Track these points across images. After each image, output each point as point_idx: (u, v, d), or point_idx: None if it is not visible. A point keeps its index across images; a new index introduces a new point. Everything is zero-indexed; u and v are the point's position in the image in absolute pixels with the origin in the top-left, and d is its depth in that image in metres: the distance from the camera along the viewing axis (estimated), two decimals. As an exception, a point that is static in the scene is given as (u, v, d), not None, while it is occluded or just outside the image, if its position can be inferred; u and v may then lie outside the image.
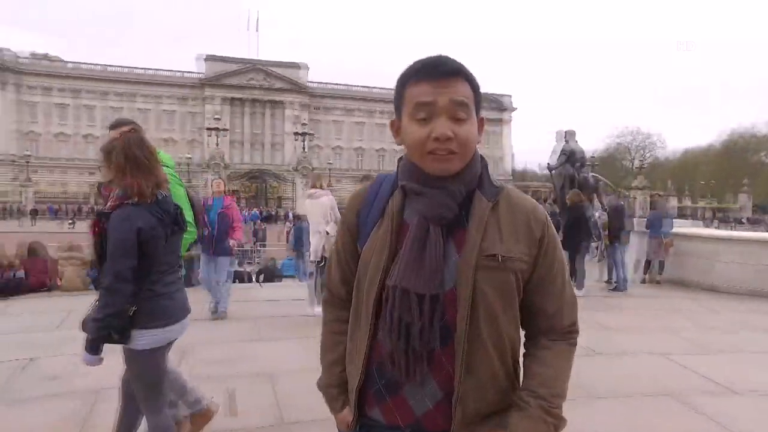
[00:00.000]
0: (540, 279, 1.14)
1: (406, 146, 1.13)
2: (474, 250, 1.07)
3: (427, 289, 1.06)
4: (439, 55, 1.11)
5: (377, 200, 1.20)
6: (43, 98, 59.00)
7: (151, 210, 2.09)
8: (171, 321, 2.18)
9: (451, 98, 1.07)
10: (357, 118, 68.65)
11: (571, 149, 11.53)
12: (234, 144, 63.38)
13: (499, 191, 1.14)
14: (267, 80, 63.73)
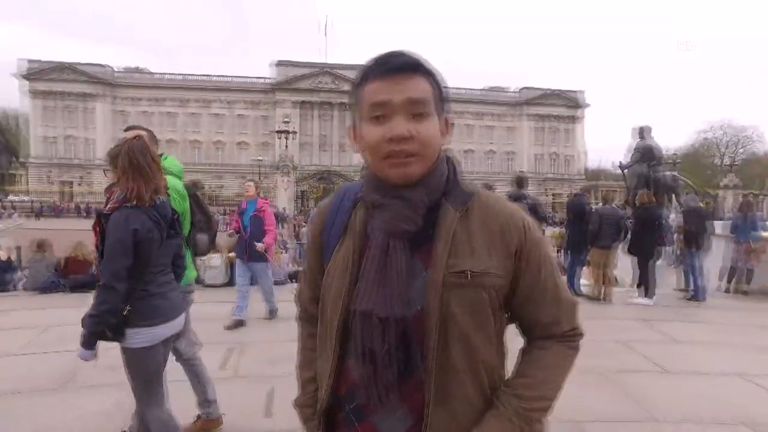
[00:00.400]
0: (527, 291, 1.04)
1: (365, 152, 1.03)
2: (440, 267, 0.97)
3: (391, 311, 0.96)
4: (396, 50, 1.01)
5: (339, 215, 1.11)
6: (133, 107, 63.67)
7: (148, 213, 2.19)
8: (164, 320, 2.25)
9: (408, 96, 0.97)
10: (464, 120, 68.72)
11: (646, 146, 10.77)
12: (304, 146, 65.23)
13: (470, 197, 1.03)
14: (335, 83, 65.00)
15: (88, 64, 62.00)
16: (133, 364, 2.25)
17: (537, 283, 1.04)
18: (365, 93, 1.00)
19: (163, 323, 2.25)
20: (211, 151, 65.06)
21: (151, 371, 2.30)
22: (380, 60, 1.00)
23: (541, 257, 1.05)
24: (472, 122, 69.06)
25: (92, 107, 61.85)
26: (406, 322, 0.97)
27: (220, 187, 61.50)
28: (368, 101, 0.99)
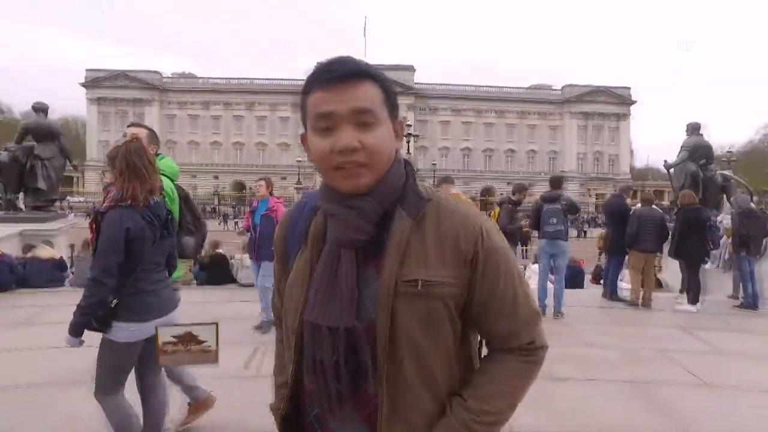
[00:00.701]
0: (483, 302, 1.00)
1: (314, 163, 0.99)
2: (391, 276, 0.94)
3: (340, 321, 0.95)
4: (339, 56, 0.97)
5: (300, 223, 1.09)
6: (181, 111, 66.06)
7: (142, 213, 2.28)
8: (152, 316, 2.31)
9: (353, 106, 0.93)
10: (465, 118, 67.70)
11: (696, 143, 10.17)
12: (348, 146, 65.91)
13: (425, 204, 1.00)
14: (375, 84, 65.41)
15: (140, 71, 64.78)
16: (109, 354, 2.34)
17: (494, 294, 1.00)
18: (310, 103, 0.97)
19: (152, 319, 2.31)
20: (253, 153, 66.60)
21: (122, 365, 2.38)
22: (323, 68, 0.96)
23: (499, 266, 1.00)
24: (514, 121, 67.75)
25: (144, 111, 64.54)
26: (357, 333, 0.95)
27: (263, 188, 63.03)
28: (313, 112, 0.96)
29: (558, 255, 6.35)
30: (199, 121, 66.10)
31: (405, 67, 66.12)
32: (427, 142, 66.52)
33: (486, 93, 68.19)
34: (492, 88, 69.05)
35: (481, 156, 67.81)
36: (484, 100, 67.46)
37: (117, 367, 2.38)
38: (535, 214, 6.46)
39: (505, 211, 6.75)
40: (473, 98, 67.56)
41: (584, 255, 12.64)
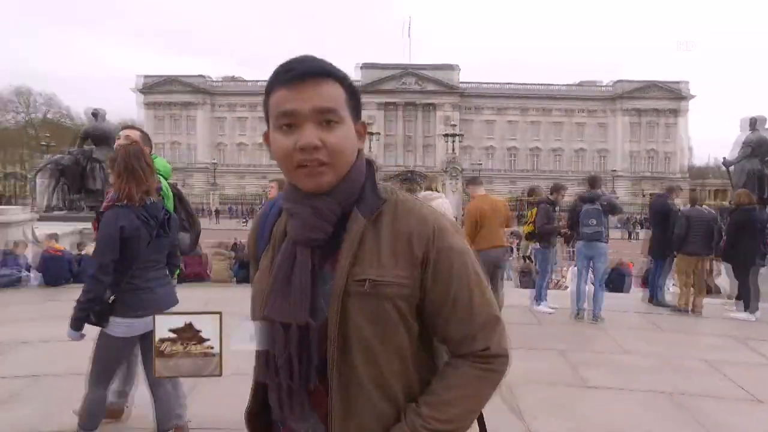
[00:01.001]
0: (436, 304, 0.98)
1: (276, 161, 0.99)
2: (343, 275, 0.95)
3: (294, 318, 0.96)
4: (302, 55, 0.98)
5: (267, 222, 1.12)
6: (229, 113, 68.11)
7: (137, 213, 2.38)
8: (147, 312, 2.32)
9: (315, 105, 0.93)
10: (510, 117, 66.42)
11: (759, 139, 9.46)
12: (388, 147, 66.00)
13: (382, 203, 0.99)
14: (419, 83, 65.10)
15: (190, 76, 67.24)
16: (105, 348, 2.45)
17: (446, 296, 0.97)
18: (273, 101, 0.97)
19: (144, 316, 2.36)
20: (299, 154, 67.81)
21: (116, 360, 2.51)
22: (285, 67, 0.96)
23: (452, 266, 0.97)
24: (560, 119, 65.81)
25: (194, 115, 66.96)
26: (310, 331, 0.95)
27: (308, 188, 64.07)
28: (275, 110, 0.96)
29: (596, 257, 6.09)
30: (247, 123, 67.91)
31: (449, 66, 65.61)
32: (472, 142, 65.66)
33: (531, 91, 66.60)
34: (537, 86, 67.40)
35: (527, 155, 66.33)
36: (529, 98, 65.91)
37: (111, 360, 2.49)
38: (572, 214, 6.22)
39: (542, 211, 6.53)
40: (518, 96, 66.12)
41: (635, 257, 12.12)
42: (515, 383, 3.91)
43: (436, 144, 61.61)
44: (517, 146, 66.34)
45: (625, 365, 4.50)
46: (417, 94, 65.05)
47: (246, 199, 56.57)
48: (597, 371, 4.24)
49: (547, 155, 65.89)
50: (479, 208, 5.53)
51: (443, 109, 64.39)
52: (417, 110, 65.84)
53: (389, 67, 65.81)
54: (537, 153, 66.25)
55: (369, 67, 66.26)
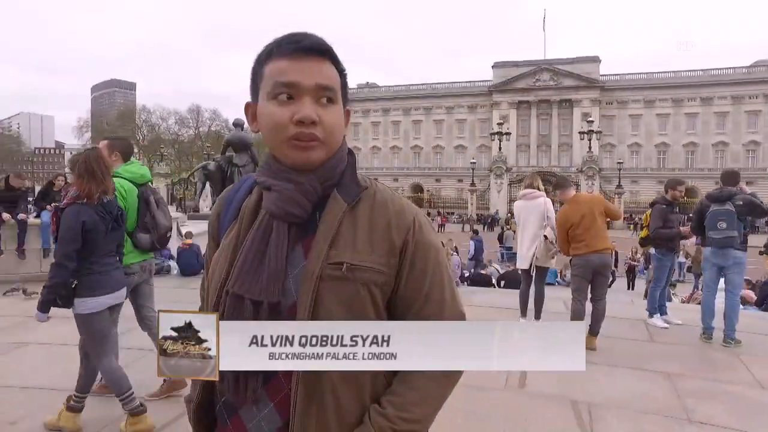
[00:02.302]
0: (408, 297, 0.98)
1: (264, 131, 0.98)
2: (319, 258, 0.93)
3: (265, 296, 0.93)
4: (302, 31, 0.97)
5: (235, 200, 1.09)
6: (363, 118, 71.04)
7: (95, 209, 2.77)
8: (105, 291, 2.83)
9: (317, 82, 0.94)
10: (659, 110, 59.60)
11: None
12: (521, 147, 63.58)
13: (362, 190, 0.99)
14: (554, 79, 61.59)
15: (330, 85, 71.62)
16: (83, 326, 2.84)
17: (420, 291, 0.98)
18: (270, 70, 0.95)
19: (106, 294, 2.83)
20: (430, 156, 68.35)
21: (98, 331, 2.85)
22: (291, 38, 0.95)
23: (428, 262, 0.99)
24: (726, 109, 57.25)
25: (332, 122, 71.22)
26: (280, 309, 0.94)
27: (439, 190, 64.25)
28: (274, 79, 0.94)
29: (729, 267, 5.10)
30: (380, 127, 70.32)
31: (588, 58, 61.11)
32: (614, 139, 60.35)
33: (687, 79, 58.90)
34: (695, 72, 59.48)
35: (681, 152, 58.93)
36: (684, 88, 58.31)
37: (97, 333, 2.85)
38: (697, 216, 5.31)
39: (656, 212, 5.68)
40: (671, 86, 58.91)
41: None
42: (598, 404, 3.49)
43: (573, 143, 57.69)
44: (668, 142, 59.32)
45: (757, 403, 3.69)
46: (552, 91, 61.62)
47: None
48: (710, 405, 3.56)
49: (706, 151, 57.86)
50: (565, 216, 5.00)
51: (581, 105, 60.07)
52: (552, 107, 62.37)
53: (522, 65, 63.34)
54: (693, 149, 58.50)
55: (501, 66, 64.50)
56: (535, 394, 3.68)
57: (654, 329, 5.57)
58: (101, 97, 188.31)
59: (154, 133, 70.32)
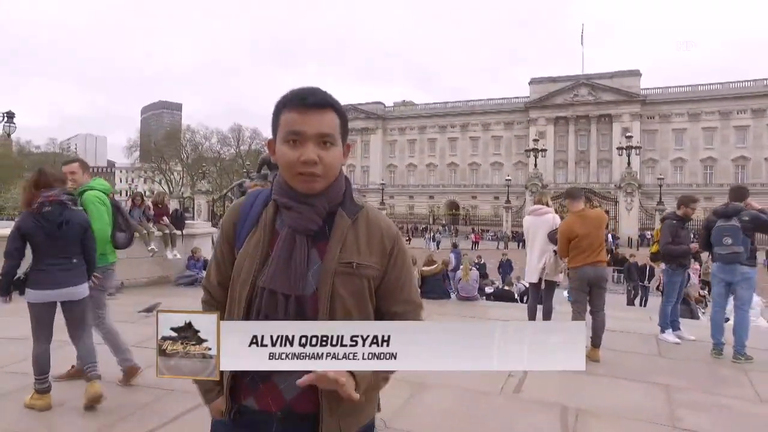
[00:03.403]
0: (390, 285, 1.34)
1: (280, 165, 1.30)
2: (334, 259, 1.27)
3: (293, 290, 1.25)
4: (311, 87, 1.29)
5: (252, 212, 1.38)
6: (400, 136, 71.88)
7: (34, 217, 3.31)
8: (46, 287, 3.34)
9: (318, 130, 1.24)
10: (706, 123, 57.60)
11: None
12: (558, 163, 62.63)
13: (359, 209, 1.34)
14: (592, 93, 60.63)
15: (367, 103, 72.70)
16: (30, 313, 3.39)
17: (398, 280, 1.35)
18: (284, 119, 1.26)
19: (47, 289, 3.35)
20: (466, 173, 68.18)
21: (36, 319, 3.38)
22: (299, 95, 1.26)
23: (404, 261, 1.37)
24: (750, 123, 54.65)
25: (368, 139, 72.15)
26: (304, 300, 1.26)
27: (475, 207, 63.84)
28: (286, 128, 1.26)
29: (737, 282, 5.10)
30: (416, 144, 70.75)
31: (629, 72, 59.94)
32: (657, 155, 58.71)
33: (736, 90, 56.75)
34: (747, 83, 57.18)
35: (729, 166, 56.64)
36: (733, 99, 56.27)
37: (35, 320, 3.39)
38: (704, 232, 5.32)
39: (666, 228, 5.71)
40: (718, 98, 56.94)
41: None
42: (586, 411, 3.61)
43: (613, 159, 56.36)
44: (715, 156, 57.19)
45: (751, 416, 3.71)
46: (590, 106, 60.64)
47: (412, 219, 58.81)
48: (700, 415, 3.61)
49: (758, 165, 55.36)
50: (569, 227, 5.14)
51: (621, 119, 58.77)
52: (590, 123, 61.28)
53: (560, 80, 62.72)
54: (743, 163, 56.11)
55: (538, 82, 64.06)
56: (528, 400, 3.82)
57: (664, 344, 5.57)
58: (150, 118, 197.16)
59: (198, 152, 73.04)
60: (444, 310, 7.56)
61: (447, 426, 3.41)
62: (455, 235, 44.23)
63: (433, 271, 8.36)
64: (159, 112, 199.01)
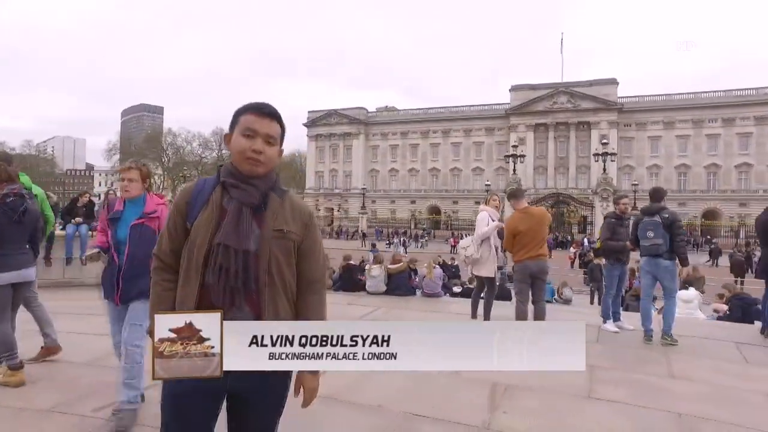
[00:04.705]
0: (306, 247, 1.81)
1: (233, 152, 1.76)
2: (269, 227, 1.72)
3: (241, 246, 1.67)
4: (266, 102, 1.81)
5: (203, 192, 1.78)
6: (383, 141, 72.28)
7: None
8: (6, 270, 3.72)
9: (267, 132, 1.75)
10: (680, 131, 59.23)
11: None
12: (539, 169, 63.64)
13: (285, 193, 1.83)
14: (571, 101, 61.91)
15: (349, 108, 73.08)
16: None
17: (313, 244, 1.83)
18: (243, 120, 1.75)
19: (7, 272, 3.72)
20: (447, 178, 68.88)
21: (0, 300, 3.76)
22: (258, 105, 1.78)
23: (316, 231, 1.86)
24: (750, 129, 56.23)
25: (350, 144, 72.51)
26: (249, 255, 1.67)
27: (456, 212, 64.51)
28: (245, 125, 1.73)
29: (661, 275, 5.70)
30: (399, 149, 71.24)
31: (606, 81, 61.30)
32: (633, 161, 60.10)
33: (709, 100, 58.55)
34: (718, 93, 59.07)
35: (702, 173, 58.35)
36: (706, 109, 58.00)
37: None
38: (632, 228, 5.89)
39: (605, 225, 6.25)
40: (691, 108, 58.67)
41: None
42: (515, 386, 4.02)
43: (591, 165, 57.56)
44: (689, 164, 58.83)
45: (656, 387, 4.18)
46: (569, 113, 61.86)
47: (394, 223, 59.16)
48: (614, 388, 4.06)
49: (728, 173, 57.12)
50: (514, 224, 5.61)
51: (599, 127, 60.06)
52: (569, 130, 62.49)
53: (540, 87, 63.84)
54: (715, 170, 57.82)
55: (518, 89, 65.07)
56: (467, 379, 4.21)
57: (604, 333, 6.05)
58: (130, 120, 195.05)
59: (179, 155, 72.64)
60: (409, 305, 7.96)
61: (393, 398, 3.76)
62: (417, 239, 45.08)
63: (399, 268, 8.79)
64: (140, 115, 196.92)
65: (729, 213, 53.86)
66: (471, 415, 3.48)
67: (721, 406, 3.80)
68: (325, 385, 3.72)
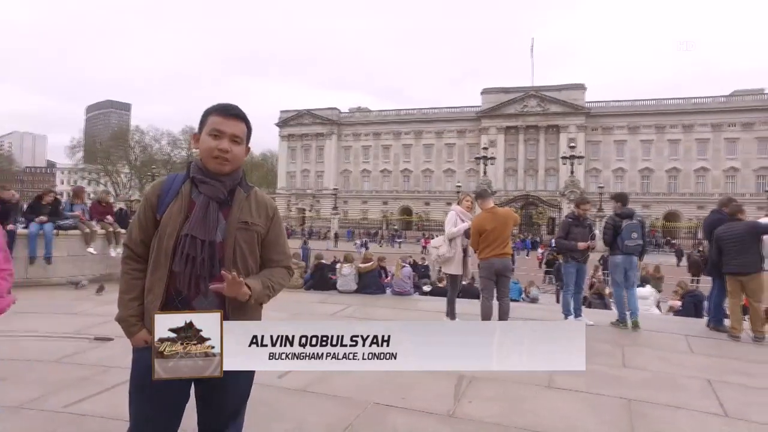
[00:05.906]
0: (270, 239, 1.95)
1: (201, 151, 1.87)
2: (235, 219, 1.86)
3: (208, 236, 1.79)
4: (232, 103, 1.91)
5: (173, 187, 1.90)
6: (355, 142, 72.37)
7: None
8: None
9: (233, 132, 1.86)
10: (644, 136, 61.38)
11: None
12: (509, 171, 64.84)
13: (251, 189, 1.96)
14: (541, 105, 63.35)
15: (322, 109, 72.92)
16: None
17: (277, 237, 1.97)
18: (211, 120, 1.85)
19: None
20: (419, 179, 69.45)
21: None
22: (225, 106, 1.88)
23: (280, 225, 2.00)
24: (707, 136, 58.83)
25: (323, 144, 72.31)
26: (215, 245, 1.80)
27: (427, 213, 65.08)
28: (212, 126, 1.84)
29: (630, 269, 6.40)
30: (371, 150, 71.48)
31: (575, 86, 62.97)
32: (600, 164, 61.94)
33: (670, 107, 60.91)
34: (678, 101, 61.41)
35: (663, 177, 60.57)
36: (667, 115, 60.36)
37: None
38: (612, 230, 6.32)
39: (561, 224, 6.67)
40: (654, 113, 60.95)
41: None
42: (479, 378, 4.22)
43: (560, 167, 59.02)
44: (651, 167, 60.99)
45: (608, 375, 4.48)
46: (539, 117, 63.29)
47: (365, 224, 59.20)
48: (570, 377, 4.30)
49: (688, 176, 59.47)
50: (480, 223, 5.85)
51: (568, 130, 61.64)
52: (539, 133, 63.92)
53: (511, 91, 65.06)
54: (675, 174, 60.12)
55: (489, 92, 66.15)
56: (434, 371, 4.40)
57: (565, 328, 6.38)
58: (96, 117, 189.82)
59: (147, 154, 71.05)
60: (380, 303, 8.12)
61: (363, 390, 3.89)
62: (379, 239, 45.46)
63: (369, 267, 8.95)
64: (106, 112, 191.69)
65: (688, 215, 56.01)
66: (437, 404, 3.66)
67: (663, 390, 4.14)
68: (296, 378, 3.94)
